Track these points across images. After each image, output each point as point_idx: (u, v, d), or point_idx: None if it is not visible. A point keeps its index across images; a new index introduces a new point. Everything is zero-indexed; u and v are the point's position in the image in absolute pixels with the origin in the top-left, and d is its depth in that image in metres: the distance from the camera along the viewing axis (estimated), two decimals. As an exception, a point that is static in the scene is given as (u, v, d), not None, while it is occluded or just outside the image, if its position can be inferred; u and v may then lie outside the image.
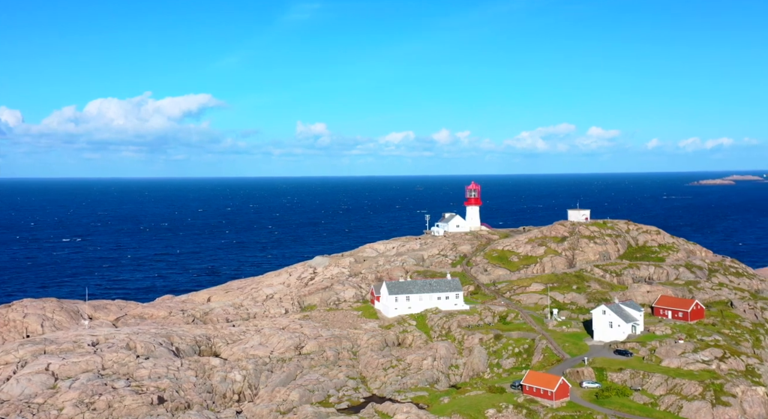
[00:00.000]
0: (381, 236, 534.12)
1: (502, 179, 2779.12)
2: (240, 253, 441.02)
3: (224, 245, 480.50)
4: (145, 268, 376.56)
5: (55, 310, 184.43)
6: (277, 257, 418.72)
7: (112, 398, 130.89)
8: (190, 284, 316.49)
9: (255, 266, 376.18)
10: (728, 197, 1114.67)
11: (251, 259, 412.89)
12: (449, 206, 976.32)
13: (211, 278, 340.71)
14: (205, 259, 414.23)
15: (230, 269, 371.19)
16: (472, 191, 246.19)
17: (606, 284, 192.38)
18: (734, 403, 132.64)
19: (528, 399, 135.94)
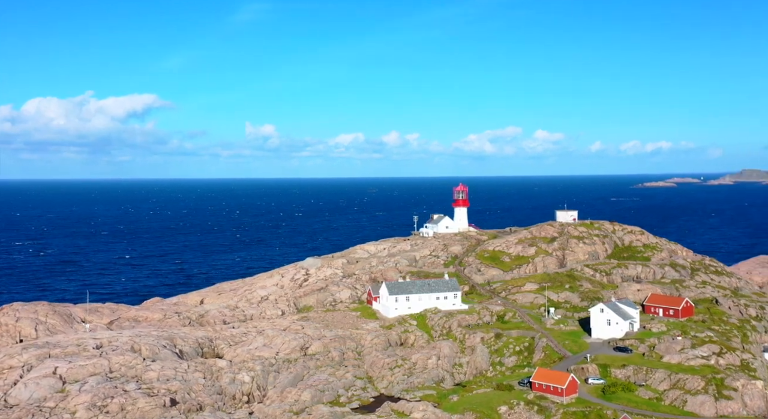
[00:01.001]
0: (345, 238, 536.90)
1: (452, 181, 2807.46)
2: (207, 256, 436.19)
3: (189, 248, 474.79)
4: (112, 272, 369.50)
5: (48, 314, 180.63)
6: (245, 260, 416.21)
7: (125, 401, 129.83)
8: (163, 288, 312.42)
9: (227, 269, 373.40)
10: (672, 198, 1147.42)
11: (221, 262, 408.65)
12: (406, 207, 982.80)
13: (184, 281, 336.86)
14: (171, 262, 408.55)
15: (201, 272, 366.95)
16: (459, 192, 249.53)
17: (597, 283, 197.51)
18: (736, 397, 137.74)
19: (538, 396, 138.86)
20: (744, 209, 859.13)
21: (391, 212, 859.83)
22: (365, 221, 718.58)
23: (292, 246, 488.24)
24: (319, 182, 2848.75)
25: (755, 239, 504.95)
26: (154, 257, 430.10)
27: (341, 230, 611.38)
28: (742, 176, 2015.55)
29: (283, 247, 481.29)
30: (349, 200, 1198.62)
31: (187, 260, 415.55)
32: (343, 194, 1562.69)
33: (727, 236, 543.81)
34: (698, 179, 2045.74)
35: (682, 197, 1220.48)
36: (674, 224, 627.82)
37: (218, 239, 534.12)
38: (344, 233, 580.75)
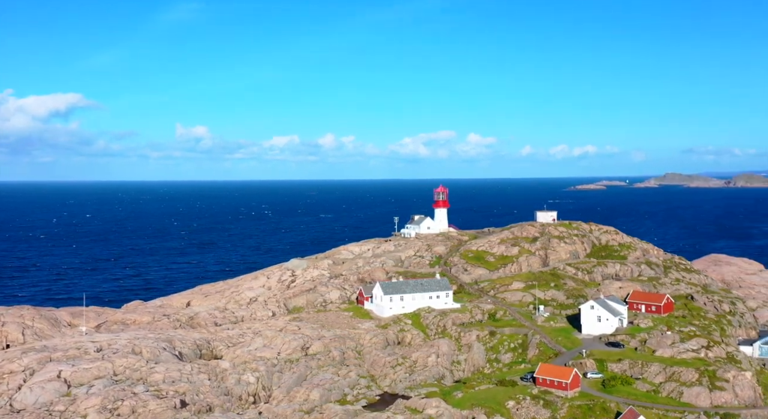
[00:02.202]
0: (296, 240, 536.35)
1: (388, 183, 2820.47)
2: (162, 259, 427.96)
3: (140, 252, 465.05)
4: (68, 276, 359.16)
5: (34, 318, 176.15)
6: (202, 262, 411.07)
7: (135, 403, 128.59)
8: (126, 293, 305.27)
9: (186, 273, 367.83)
10: (604, 200, 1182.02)
11: (176, 265, 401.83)
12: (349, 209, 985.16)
13: (144, 285, 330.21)
14: (126, 266, 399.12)
15: (160, 276, 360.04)
16: (440, 193, 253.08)
17: (580, 281, 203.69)
18: (728, 387, 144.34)
19: (542, 391, 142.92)
20: (673, 211, 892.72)
21: (339, 215, 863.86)
22: (313, 223, 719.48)
23: (248, 248, 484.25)
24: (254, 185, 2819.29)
25: (693, 240, 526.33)
26: (105, 261, 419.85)
27: (292, 233, 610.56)
28: (665, 179, 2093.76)
29: (237, 249, 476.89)
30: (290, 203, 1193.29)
31: (141, 264, 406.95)
32: (281, 196, 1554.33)
33: (665, 236, 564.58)
34: (624, 182, 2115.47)
35: (612, 199, 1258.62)
36: (612, 226, 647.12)
37: (167, 243, 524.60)
38: (296, 235, 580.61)
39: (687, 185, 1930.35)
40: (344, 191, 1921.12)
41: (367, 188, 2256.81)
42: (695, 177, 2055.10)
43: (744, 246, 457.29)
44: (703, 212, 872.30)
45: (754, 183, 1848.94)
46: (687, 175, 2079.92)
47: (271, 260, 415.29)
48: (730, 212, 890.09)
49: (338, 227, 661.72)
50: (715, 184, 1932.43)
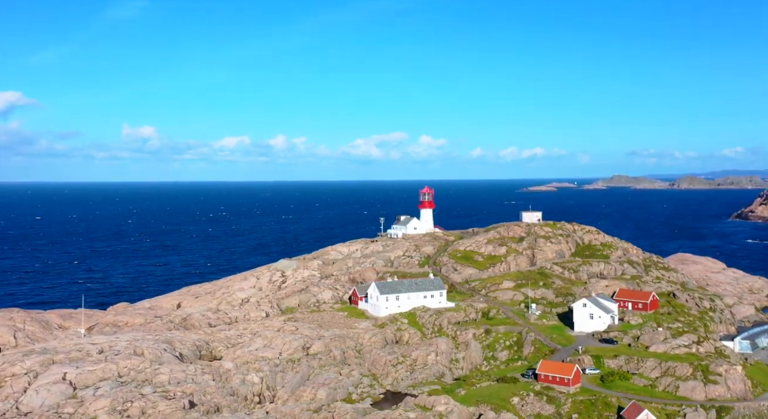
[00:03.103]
0: (261, 241, 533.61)
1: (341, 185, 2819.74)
2: (126, 262, 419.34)
3: (101, 255, 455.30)
4: (31, 279, 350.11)
5: (25, 320, 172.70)
6: (170, 264, 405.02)
7: (145, 404, 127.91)
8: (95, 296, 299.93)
9: (156, 276, 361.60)
10: (557, 202, 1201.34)
11: (141, 268, 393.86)
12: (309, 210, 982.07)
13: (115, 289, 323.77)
14: (88, 269, 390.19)
15: (129, 279, 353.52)
16: (425, 194, 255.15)
17: (567, 280, 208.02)
18: (720, 381, 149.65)
19: (544, 387, 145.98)
20: (625, 212, 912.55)
21: (299, 216, 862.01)
22: (274, 224, 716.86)
23: (213, 250, 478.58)
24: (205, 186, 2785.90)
25: (649, 241, 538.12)
26: (67, 264, 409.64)
27: (255, 234, 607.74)
28: (612, 181, 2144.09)
29: (202, 251, 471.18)
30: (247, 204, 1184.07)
31: (106, 267, 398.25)
32: (236, 197, 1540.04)
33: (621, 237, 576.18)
34: (573, 184, 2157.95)
35: (565, 200, 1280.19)
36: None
37: (127, 245, 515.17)
38: (260, 236, 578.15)
39: (633, 186, 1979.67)
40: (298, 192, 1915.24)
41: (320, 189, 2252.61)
42: (641, 179, 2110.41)
43: (699, 246, 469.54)
44: (654, 214, 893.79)
45: (696, 185, 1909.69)
46: (633, 177, 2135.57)
47: (240, 261, 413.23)
48: (678, 213, 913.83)
49: (301, 229, 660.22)
50: (660, 186, 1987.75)
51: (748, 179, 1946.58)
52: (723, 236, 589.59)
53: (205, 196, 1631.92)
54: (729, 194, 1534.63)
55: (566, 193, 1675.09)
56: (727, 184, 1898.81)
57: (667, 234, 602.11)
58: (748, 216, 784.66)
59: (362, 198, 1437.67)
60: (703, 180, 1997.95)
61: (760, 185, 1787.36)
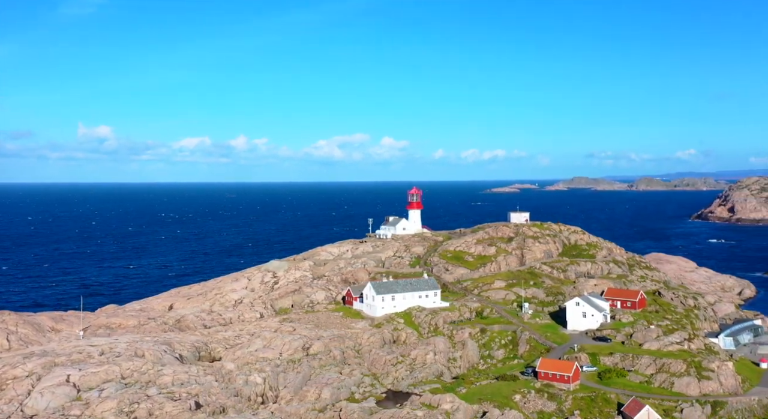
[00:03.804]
0: (234, 243, 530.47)
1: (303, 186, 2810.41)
2: (96, 264, 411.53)
3: (70, 256, 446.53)
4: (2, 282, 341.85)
5: (18, 323, 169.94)
6: (143, 267, 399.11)
7: (151, 405, 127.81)
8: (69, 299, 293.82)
9: (129, 278, 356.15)
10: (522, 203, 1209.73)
11: (115, 270, 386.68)
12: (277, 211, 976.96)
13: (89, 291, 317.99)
14: (60, 271, 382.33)
15: (102, 281, 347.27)
16: (414, 195, 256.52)
17: (556, 279, 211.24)
18: (713, 377, 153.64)
19: (545, 384, 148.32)
20: (589, 213, 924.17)
21: (268, 217, 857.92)
22: (244, 226, 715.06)
23: (186, 252, 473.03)
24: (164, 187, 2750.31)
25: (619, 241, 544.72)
26: (36, 267, 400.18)
27: (226, 235, 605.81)
28: (573, 182, 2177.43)
29: (174, 253, 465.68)
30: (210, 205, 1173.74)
31: (78, 269, 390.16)
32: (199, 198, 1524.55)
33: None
34: (535, 185, 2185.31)
35: (528, 201, 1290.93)
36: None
37: (96, 247, 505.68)
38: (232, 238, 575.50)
39: (593, 188, 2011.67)
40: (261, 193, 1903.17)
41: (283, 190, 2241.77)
42: (600, 181, 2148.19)
43: (665, 246, 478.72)
44: (617, 214, 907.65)
45: (654, 186, 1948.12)
46: (593, 178, 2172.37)
47: (215, 263, 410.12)
48: (640, 213, 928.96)
49: (271, 230, 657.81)
50: (619, 187, 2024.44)
51: (703, 180, 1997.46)
52: (686, 237, 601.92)
53: (168, 197, 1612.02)
54: (685, 195, 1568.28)
55: (529, 194, 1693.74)
56: (683, 185, 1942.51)
57: (633, 235, 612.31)
58: (707, 217, 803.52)
59: (327, 200, 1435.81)
60: (660, 182, 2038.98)
61: (714, 186, 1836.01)
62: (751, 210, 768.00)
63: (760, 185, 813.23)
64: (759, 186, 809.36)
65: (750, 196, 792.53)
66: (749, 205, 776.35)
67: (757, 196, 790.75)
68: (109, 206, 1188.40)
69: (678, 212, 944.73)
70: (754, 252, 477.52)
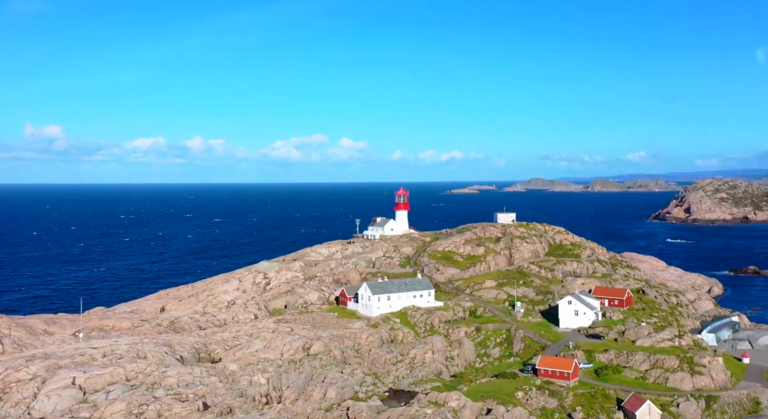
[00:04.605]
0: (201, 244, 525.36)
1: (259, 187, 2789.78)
2: (63, 267, 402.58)
3: (32, 261, 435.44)
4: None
5: (11, 326, 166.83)
6: (115, 270, 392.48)
7: (160, 407, 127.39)
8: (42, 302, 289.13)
9: (101, 281, 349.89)
10: (482, 204, 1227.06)
11: (84, 274, 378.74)
12: (238, 213, 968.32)
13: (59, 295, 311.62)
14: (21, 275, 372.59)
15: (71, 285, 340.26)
16: (401, 196, 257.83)
17: (544, 278, 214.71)
18: (705, 372, 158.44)
19: (545, 381, 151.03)
20: (550, 214, 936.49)
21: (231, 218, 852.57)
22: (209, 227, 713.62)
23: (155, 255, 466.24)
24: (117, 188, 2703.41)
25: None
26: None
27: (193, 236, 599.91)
28: (530, 183, 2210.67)
29: (144, 256, 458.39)
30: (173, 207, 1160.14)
31: (44, 273, 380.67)
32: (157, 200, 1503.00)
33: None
34: (493, 187, 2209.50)
35: (489, 202, 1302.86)
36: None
37: (61, 250, 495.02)
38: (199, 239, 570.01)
39: (550, 189, 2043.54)
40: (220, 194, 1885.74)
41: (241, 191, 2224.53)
42: (557, 182, 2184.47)
43: (629, 246, 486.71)
44: (577, 215, 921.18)
45: (608, 188, 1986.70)
46: (550, 180, 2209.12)
47: (187, 265, 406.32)
48: (599, 214, 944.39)
49: (237, 232, 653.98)
50: (575, 188, 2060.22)
51: (655, 182, 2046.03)
52: (647, 237, 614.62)
53: (124, 198, 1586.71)
54: (639, 196, 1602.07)
55: (488, 195, 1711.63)
56: (636, 187, 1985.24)
57: (597, 235, 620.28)
58: (665, 217, 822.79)
59: (287, 201, 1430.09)
60: (615, 183, 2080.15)
61: (665, 187, 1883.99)
62: (706, 211, 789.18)
63: (714, 186, 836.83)
64: (713, 187, 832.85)
65: (705, 197, 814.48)
66: (704, 206, 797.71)
67: (711, 197, 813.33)
68: (64, 207, 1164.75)
69: (635, 212, 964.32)
70: (713, 251, 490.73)
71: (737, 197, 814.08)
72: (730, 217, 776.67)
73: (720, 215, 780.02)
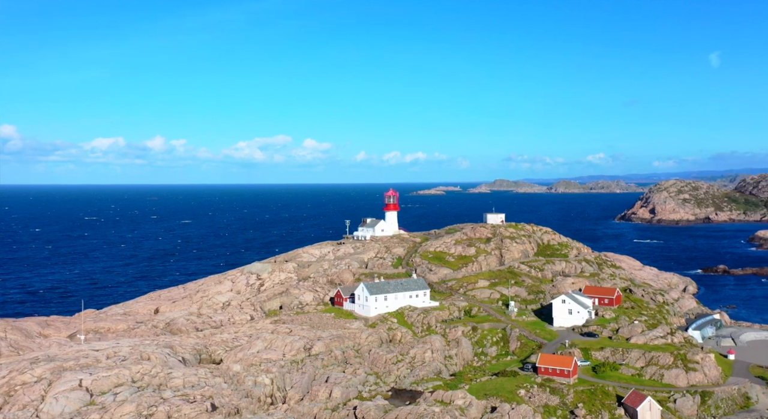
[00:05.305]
0: (171, 245, 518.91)
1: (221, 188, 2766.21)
2: (33, 270, 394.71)
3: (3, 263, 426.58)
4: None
5: (6, 329, 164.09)
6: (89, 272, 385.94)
7: (169, 408, 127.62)
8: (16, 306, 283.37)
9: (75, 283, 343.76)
10: (451, 205, 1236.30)
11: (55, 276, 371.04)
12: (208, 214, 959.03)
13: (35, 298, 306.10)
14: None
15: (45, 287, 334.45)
16: (390, 197, 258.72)
17: (535, 278, 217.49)
18: (699, 368, 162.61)
19: (545, 379, 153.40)
20: (519, 215, 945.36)
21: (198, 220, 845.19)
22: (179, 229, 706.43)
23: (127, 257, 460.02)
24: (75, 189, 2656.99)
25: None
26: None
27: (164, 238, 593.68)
28: (495, 185, 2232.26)
29: (116, 259, 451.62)
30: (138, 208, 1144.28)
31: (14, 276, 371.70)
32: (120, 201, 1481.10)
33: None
34: (458, 188, 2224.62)
35: (457, 203, 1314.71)
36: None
37: (28, 252, 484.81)
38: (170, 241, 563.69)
39: (515, 190, 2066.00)
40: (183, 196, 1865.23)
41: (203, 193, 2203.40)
42: (521, 183, 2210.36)
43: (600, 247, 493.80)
44: (545, 216, 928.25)
45: (571, 189, 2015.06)
46: (514, 181, 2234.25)
47: (164, 268, 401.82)
48: (566, 215, 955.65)
49: (208, 233, 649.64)
50: (538, 189, 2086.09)
51: (616, 183, 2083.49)
52: (616, 237, 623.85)
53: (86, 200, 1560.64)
54: (601, 197, 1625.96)
55: (454, 196, 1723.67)
56: (598, 188, 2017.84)
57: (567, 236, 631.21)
58: (631, 218, 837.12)
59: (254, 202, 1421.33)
60: (577, 184, 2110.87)
61: (626, 189, 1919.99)
62: (670, 211, 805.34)
63: (677, 187, 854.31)
64: (676, 189, 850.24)
65: (669, 198, 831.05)
66: (668, 207, 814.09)
67: (675, 198, 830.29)
68: (24, 209, 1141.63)
69: (601, 213, 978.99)
70: (681, 251, 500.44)
71: (699, 198, 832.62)
72: (693, 217, 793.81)
73: (683, 215, 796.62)
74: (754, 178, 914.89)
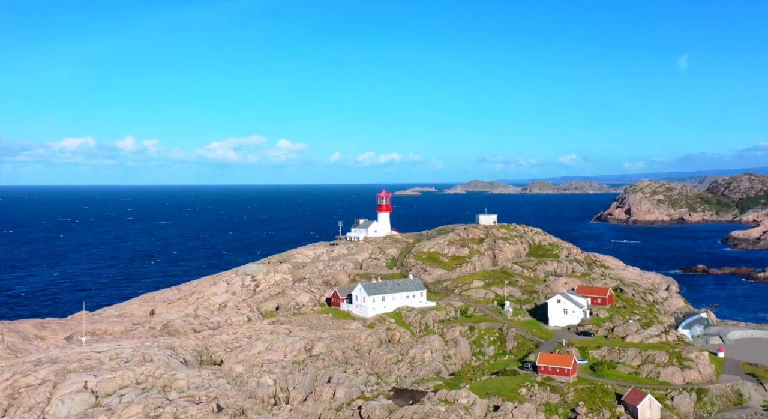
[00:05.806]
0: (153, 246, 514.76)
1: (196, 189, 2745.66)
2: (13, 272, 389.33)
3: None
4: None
5: (3, 331, 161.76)
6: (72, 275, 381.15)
7: (176, 409, 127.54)
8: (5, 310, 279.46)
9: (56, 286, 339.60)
10: (429, 205, 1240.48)
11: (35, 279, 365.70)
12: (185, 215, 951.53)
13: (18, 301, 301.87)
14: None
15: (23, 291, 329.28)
16: (383, 198, 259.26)
17: (528, 278, 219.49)
18: (693, 366, 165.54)
19: (545, 378, 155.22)
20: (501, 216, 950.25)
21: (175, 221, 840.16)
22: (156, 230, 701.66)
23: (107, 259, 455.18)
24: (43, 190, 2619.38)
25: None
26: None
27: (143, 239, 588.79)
28: (470, 185, 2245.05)
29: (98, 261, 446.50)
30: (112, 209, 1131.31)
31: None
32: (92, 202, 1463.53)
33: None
34: (434, 188, 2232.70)
35: (432, 204, 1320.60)
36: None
37: (2, 254, 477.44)
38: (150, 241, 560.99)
39: (490, 191, 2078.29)
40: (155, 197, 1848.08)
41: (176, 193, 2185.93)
42: (496, 184, 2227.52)
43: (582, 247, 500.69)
44: (522, 217, 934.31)
45: (545, 190, 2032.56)
46: (489, 182, 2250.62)
47: (147, 270, 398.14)
48: (543, 215, 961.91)
49: (187, 234, 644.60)
50: (513, 190, 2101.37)
51: (589, 184, 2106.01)
52: (594, 238, 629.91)
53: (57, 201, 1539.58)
54: (575, 198, 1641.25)
55: (430, 197, 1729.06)
56: (572, 189, 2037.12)
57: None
58: (607, 218, 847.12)
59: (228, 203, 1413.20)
60: (551, 185, 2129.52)
61: (599, 189, 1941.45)
62: (645, 212, 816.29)
63: (651, 188, 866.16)
64: (651, 190, 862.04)
65: (644, 199, 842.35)
66: (643, 207, 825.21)
67: (650, 199, 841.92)
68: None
69: (577, 214, 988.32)
70: (659, 251, 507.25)
71: (673, 199, 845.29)
72: (668, 218, 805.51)
73: (658, 216, 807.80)
74: (725, 179, 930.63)
